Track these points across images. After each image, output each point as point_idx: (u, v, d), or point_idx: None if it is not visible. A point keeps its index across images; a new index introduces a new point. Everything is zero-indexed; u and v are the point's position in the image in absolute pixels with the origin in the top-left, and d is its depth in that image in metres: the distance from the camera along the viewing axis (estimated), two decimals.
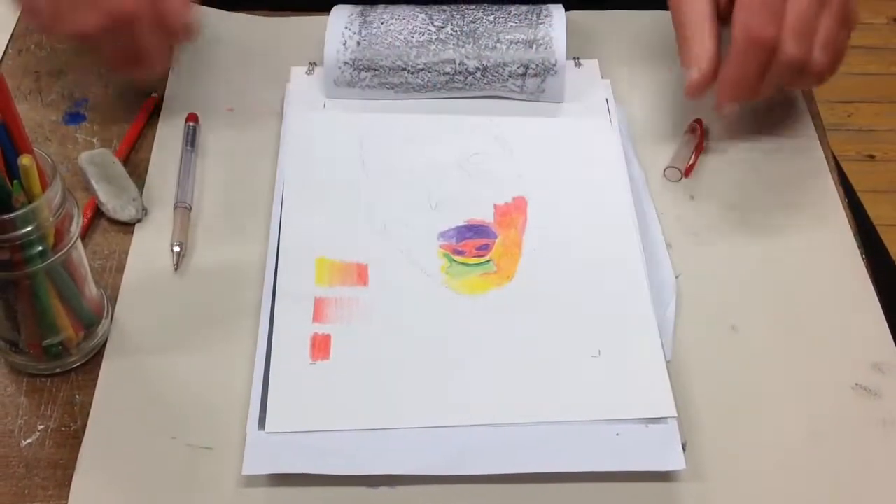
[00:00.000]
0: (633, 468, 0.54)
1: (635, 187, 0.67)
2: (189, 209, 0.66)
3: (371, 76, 0.70)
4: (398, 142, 0.69)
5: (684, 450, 0.54)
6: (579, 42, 0.76)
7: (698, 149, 0.69)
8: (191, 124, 0.70)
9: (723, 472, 0.54)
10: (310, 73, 0.74)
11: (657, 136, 0.71)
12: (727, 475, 0.54)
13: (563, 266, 0.62)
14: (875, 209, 0.88)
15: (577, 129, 0.70)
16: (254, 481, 0.54)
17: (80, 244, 0.55)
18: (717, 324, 0.61)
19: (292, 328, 0.59)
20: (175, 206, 0.66)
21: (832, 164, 0.70)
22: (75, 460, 0.55)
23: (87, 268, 0.57)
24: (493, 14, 0.71)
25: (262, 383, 0.57)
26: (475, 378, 0.57)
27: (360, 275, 0.62)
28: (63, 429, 0.56)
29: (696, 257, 0.64)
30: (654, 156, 0.69)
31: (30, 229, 0.51)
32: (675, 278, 0.62)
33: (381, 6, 0.72)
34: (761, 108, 0.72)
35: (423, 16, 0.71)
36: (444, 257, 0.63)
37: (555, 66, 0.69)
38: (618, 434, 0.55)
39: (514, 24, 0.70)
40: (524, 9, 0.71)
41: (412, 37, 0.70)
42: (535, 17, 0.71)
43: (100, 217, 0.66)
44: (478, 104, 0.71)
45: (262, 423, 0.55)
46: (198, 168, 0.69)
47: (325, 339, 0.58)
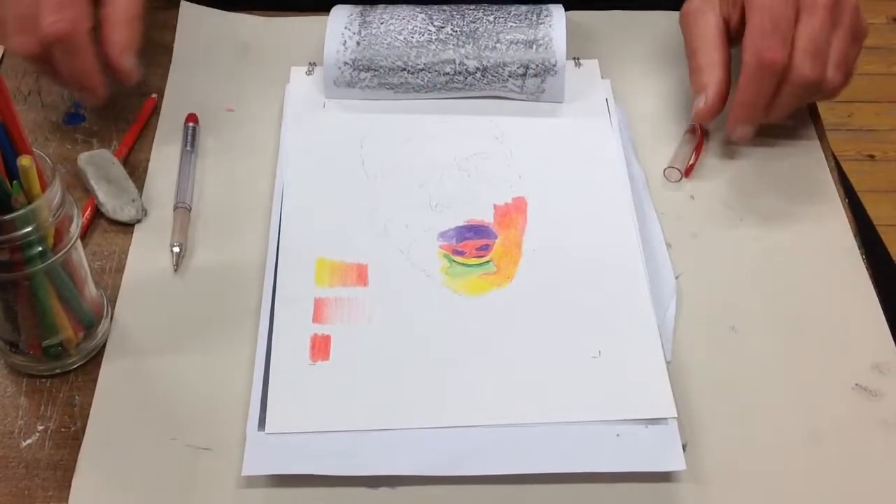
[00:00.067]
0: (634, 469, 0.54)
1: (635, 187, 0.67)
2: (189, 210, 0.66)
3: (371, 76, 0.70)
4: (398, 142, 0.69)
5: (685, 450, 0.54)
6: (579, 42, 0.76)
7: (698, 149, 0.69)
8: (190, 125, 0.70)
9: (723, 473, 0.54)
10: (309, 73, 0.73)
11: (657, 137, 0.71)
12: (727, 476, 0.54)
13: (563, 266, 0.62)
14: (875, 209, 0.88)
15: (577, 130, 0.70)
16: (254, 482, 0.54)
17: (79, 245, 0.55)
18: (717, 324, 0.61)
19: (292, 329, 0.59)
20: (175, 207, 0.66)
21: (832, 164, 0.70)
22: (75, 461, 0.55)
23: (87, 268, 0.57)
24: (492, 14, 0.71)
25: (261, 384, 0.56)
26: (475, 379, 0.57)
27: (359, 275, 0.62)
28: (63, 429, 0.56)
29: (696, 258, 0.64)
30: (654, 156, 0.69)
31: (29, 230, 0.51)
32: (675, 279, 0.62)
33: (380, 6, 0.72)
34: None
35: (422, 16, 0.71)
36: (443, 258, 0.63)
37: (555, 66, 0.69)
38: (618, 435, 0.55)
39: (514, 24, 0.70)
40: (524, 9, 0.71)
41: (412, 37, 0.70)
42: (534, 17, 0.71)
43: (99, 218, 0.66)
44: (478, 104, 0.71)
45: (261, 423, 0.55)
46: (197, 168, 0.69)
47: (325, 340, 0.58)
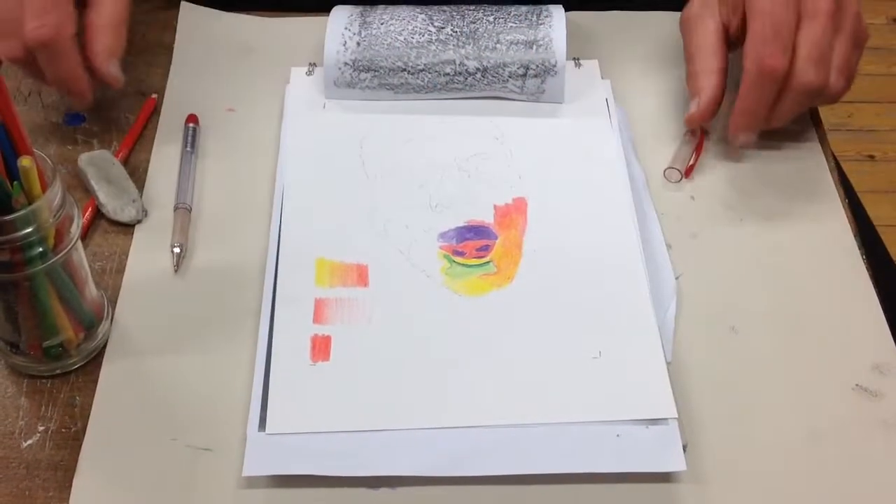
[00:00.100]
0: (634, 469, 0.54)
1: (635, 188, 0.67)
2: (189, 210, 0.66)
3: (371, 77, 0.70)
4: (398, 142, 0.69)
5: (685, 451, 0.54)
6: (579, 42, 0.76)
7: (698, 149, 0.69)
8: (191, 125, 0.70)
9: (723, 474, 0.54)
10: (310, 73, 0.73)
11: (657, 137, 0.71)
12: (728, 476, 0.54)
13: (564, 267, 0.62)
14: (875, 209, 0.88)
15: (578, 130, 0.70)
16: (254, 482, 0.54)
17: (80, 245, 0.55)
18: (717, 325, 0.61)
19: (292, 329, 0.59)
20: (175, 208, 0.66)
21: (832, 164, 0.70)
22: (76, 462, 0.55)
23: (87, 269, 0.57)
24: (492, 15, 0.71)
25: (262, 384, 0.56)
26: (475, 379, 0.57)
27: (360, 276, 0.62)
28: (63, 430, 0.56)
29: (697, 258, 0.64)
30: (654, 156, 0.69)
31: (30, 231, 0.51)
32: (676, 279, 0.62)
33: (380, 7, 0.72)
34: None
35: (422, 16, 0.71)
36: (444, 258, 0.63)
37: (555, 66, 0.69)
38: (618, 435, 0.55)
39: (514, 25, 0.70)
40: (524, 9, 0.71)
41: (412, 37, 0.70)
42: (535, 18, 0.71)
43: (100, 218, 0.66)
44: (478, 105, 0.71)
45: (262, 424, 0.55)
46: (197, 169, 0.68)
47: (326, 341, 0.58)
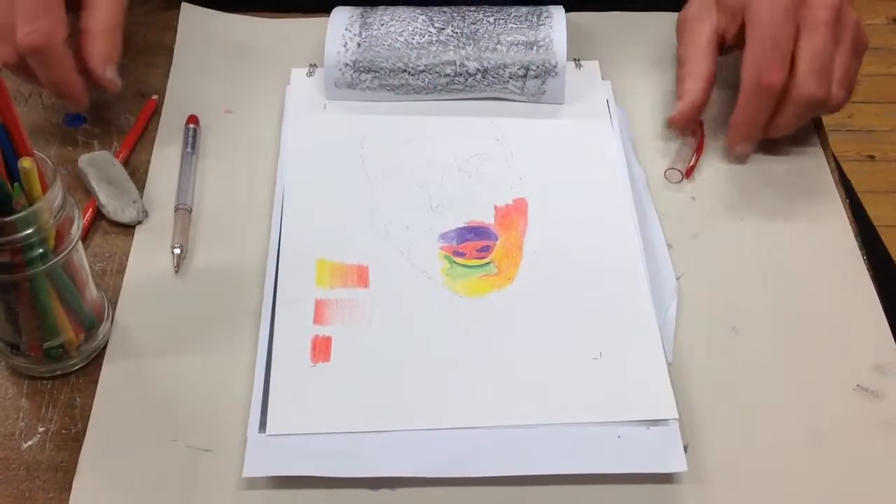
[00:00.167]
0: (635, 470, 0.54)
1: (636, 188, 0.67)
2: (189, 211, 0.66)
3: (371, 78, 0.70)
4: (399, 143, 0.69)
5: (686, 451, 0.54)
6: (580, 43, 0.76)
7: (699, 150, 0.69)
8: (191, 126, 0.70)
9: (724, 474, 0.54)
10: (310, 74, 0.73)
11: (658, 138, 0.71)
12: (729, 476, 0.54)
13: (564, 268, 0.62)
14: (875, 210, 0.88)
15: (578, 131, 0.70)
16: (254, 483, 0.54)
17: (80, 246, 0.55)
18: (718, 325, 0.61)
19: (293, 330, 0.59)
20: (175, 208, 0.66)
21: (833, 164, 0.70)
22: (76, 463, 0.55)
23: (88, 270, 0.57)
24: (493, 16, 0.71)
25: (262, 385, 0.56)
26: (476, 380, 0.57)
27: (360, 276, 0.62)
28: (64, 431, 0.56)
29: (697, 258, 0.64)
30: (654, 157, 0.69)
31: (30, 232, 0.51)
32: (676, 279, 0.62)
33: (381, 8, 0.72)
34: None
35: (423, 17, 0.71)
36: (444, 259, 0.63)
37: (555, 67, 0.69)
38: (619, 436, 0.55)
39: (514, 26, 0.70)
40: (524, 10, 0.71)
41: (412, 38, 0.70)
42: (535, 19, 0.70)
43: (100, 219, 0.66)
44: (478, 106, 0.71)
45: (262, 425, 0.55)
46: (198, 170, 0.68)
47: (326, 342, 0.58)
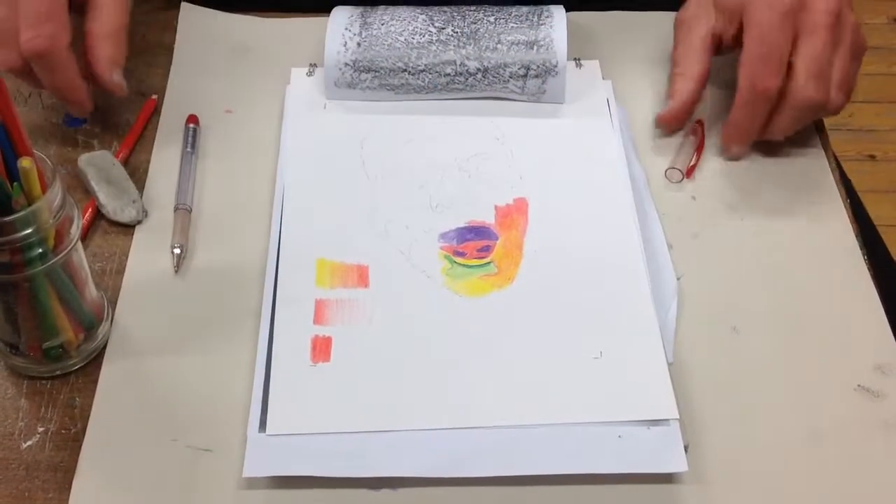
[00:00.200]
0: (636, 470, 0.53)
1: (636, 188, 0.67)
2: (189, 211, 0.65)
3: (371, 77, 0.70)
4: (399, 143, 0.69)
5: (686, 451, 0.54)
6: (580, 43, 0.76)
7: (699, 150, 0.69)
8: (191, 126, 0.70)
9: (725, 474, 0.54)
10: (310, 74, 0.73)
11: (658, 137, 0.71)
12: (729, 477, 0.54)
13: (565, 267, 0.62)
14: (876, 209, 0.88)
15: (578, 130, 0.70)
16: (254, 483, 0.54)
17: (80, 246, 0.55)
18: (718, 325, 0.61)
19: (293, 330, 0.59)
20: (175, 208, 0.65)
21: (833, 164, 0.70)
22: (76, 463, 0.55)
23: (87, 270, 0.57)
24: (493, 15, 0.71)
25: (262, 385, 0.56)
26: (476, 380, 0.57)
27: (360, 276, 0.62)
28: (63, 431, 0.56)
29: (698, 258, 0.64)
30: (655, 157, 0.69)
31: (30, 231, 0.51)
32: (677, 279, 0.62)
33: (381, 7, 0.72)
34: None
35: (423, 17, 0.71)
36: (444, 259, 0.63)
37: (555, 66, 0.69)
38: (620, 436, 0.54)
39: (514, 25, 0.70)
40: (525, 10, 0.71)
41: (413, 38, 0.70)
42: (535, 18, 0.70)
43: (100, 219, 0.66)
44: (478, 105, 0.71)
45: (262, 425, 0.55)
46: (198, 169, 0.68)
47: (326, 342, 0.58)
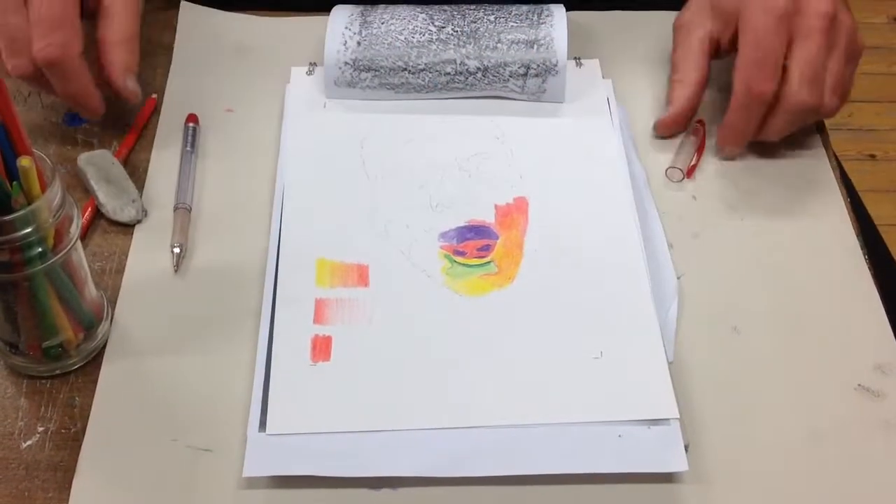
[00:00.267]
0: (636, 470, 0.53)
1: (637, 187, 0.66)
2: (189, 210, 0.65)
3: (371, 76, 0.70)
4: (399, 142, 0.69)
5: (687, 451, 0.54)
6: (580, 42, 0.76)
7: (700, 149, 0.69)
8: (191, 125, 0.70)
9: (725, 474, 0.54)
10: (310, 73, 0.73)
11: (659, 137, 0.71)
12: (730, 476, 0.54)
13: (565, 267, 0.62)
14: (876, 209, 0.88)
15: (579, 130, 0.70)
16: (254, 483, 0.54)
17: (79, 245, 0.55)
18: (719, 324, 0.60)
19: (293, 329, 0.59)
20: (175, 208, 0.65)
21: (834, 163, 0.70)
22: (75, 462, 0.54)
23: (87, 269, 0.57)
24: (493, 14, 0.71)
25: (262, 385, 0.56)
26: (476, 379, 0.57)
27: (360, 276, 0.61)
28: (63, 431, 0.56)
29: (698, 258, 0.64)
30: (655, 156, 0.69)
31: (29, 231, 0.50)
32: (677, 279, 0.62)
33: (381, 6, 0.72)
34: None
35: (423, 16, 0.71)
36: (444, 258, 0.63)
37: (556, 66, 0.69)
38: (620, 436, 0.54)
39: (514, 24, 0.70)
40: (525, 9, 0.71)
41: (413, 37, 0.70)
42: (535, 17, 0.70)
43: (99, 218, 0.66)
44: (479, 104, 0.71)
45: (262, 424, 0.55)
46: (197, 169, 0.68)
47: (326, 341, 0.58)
